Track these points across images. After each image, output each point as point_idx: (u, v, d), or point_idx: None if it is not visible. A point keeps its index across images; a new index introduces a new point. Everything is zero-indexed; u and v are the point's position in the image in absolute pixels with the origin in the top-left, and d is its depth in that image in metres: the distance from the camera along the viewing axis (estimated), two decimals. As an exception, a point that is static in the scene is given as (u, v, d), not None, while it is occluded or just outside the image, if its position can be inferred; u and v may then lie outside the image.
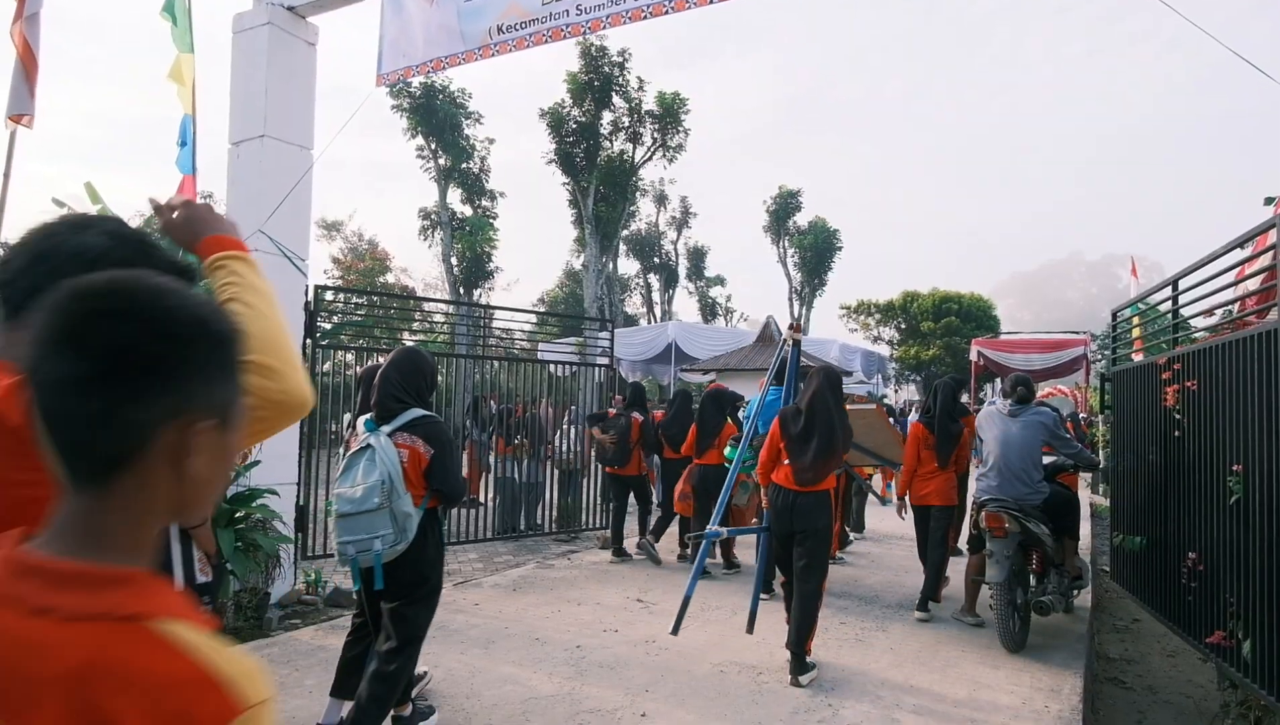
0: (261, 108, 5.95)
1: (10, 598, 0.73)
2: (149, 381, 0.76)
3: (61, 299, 0.77)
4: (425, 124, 26.85)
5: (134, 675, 0.70)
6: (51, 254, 1.16)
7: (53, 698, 0.69)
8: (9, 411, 1.03)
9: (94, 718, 0.68)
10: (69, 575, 0.75)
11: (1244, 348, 3.74)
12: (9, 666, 0.70)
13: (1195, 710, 4.98)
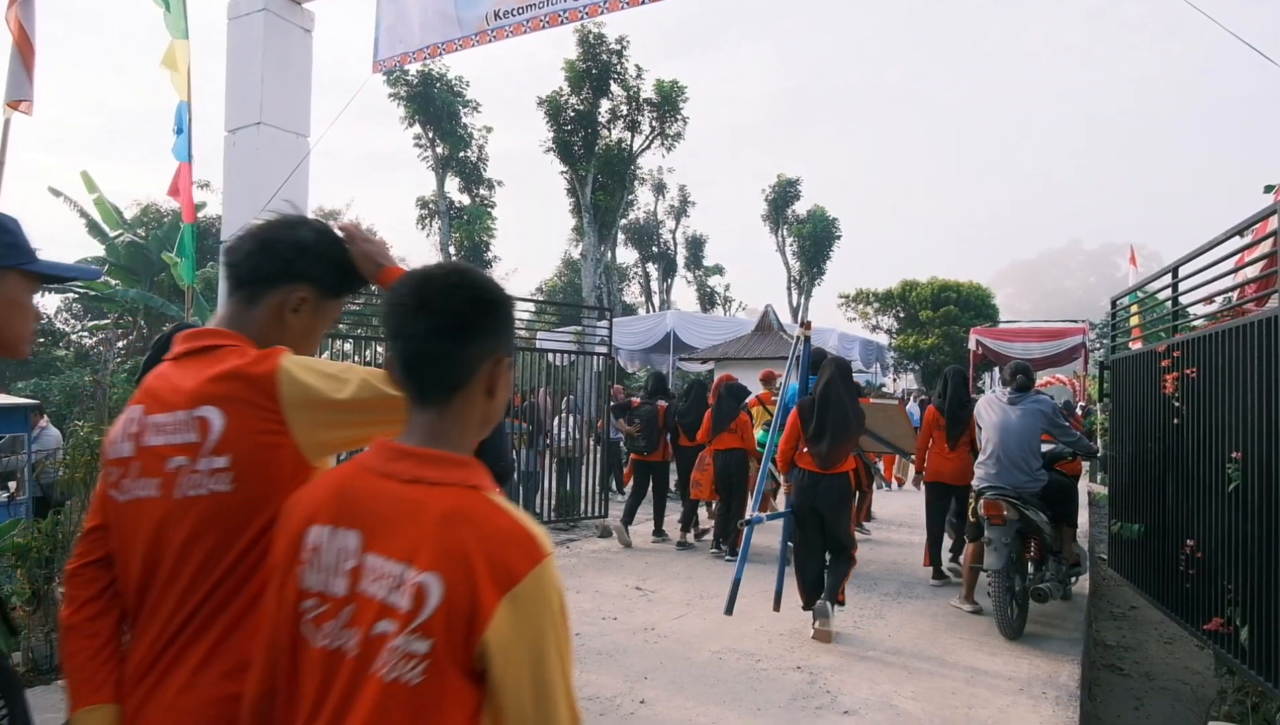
0: (258, 95, 5.91)
1: (391, 472, 1.13)
2: (476, 332, 1.16)
3: (417, 280, 1.18)
4: (423, 112, 26.76)
5: (480, 521, 1.07)
6: (275, 243, 1.45)
7: (433, 527, 1.06)
8: (260, 373, 1.32)
9: (454, 546, 1.04)
10: (430, 458, 1.13)
11: (1244, 335, 3.73)
12: (401, 513, 1.09)
13: (1192, 697, 5.01)
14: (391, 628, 1.04)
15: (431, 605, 1.03)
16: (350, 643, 1.08)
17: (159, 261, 20.75)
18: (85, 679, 1.36)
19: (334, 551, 1.12)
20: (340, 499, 1.15)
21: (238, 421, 1.31)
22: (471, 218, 28.77)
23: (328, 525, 1.14)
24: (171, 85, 5.82)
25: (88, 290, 21.13)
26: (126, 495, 1.38)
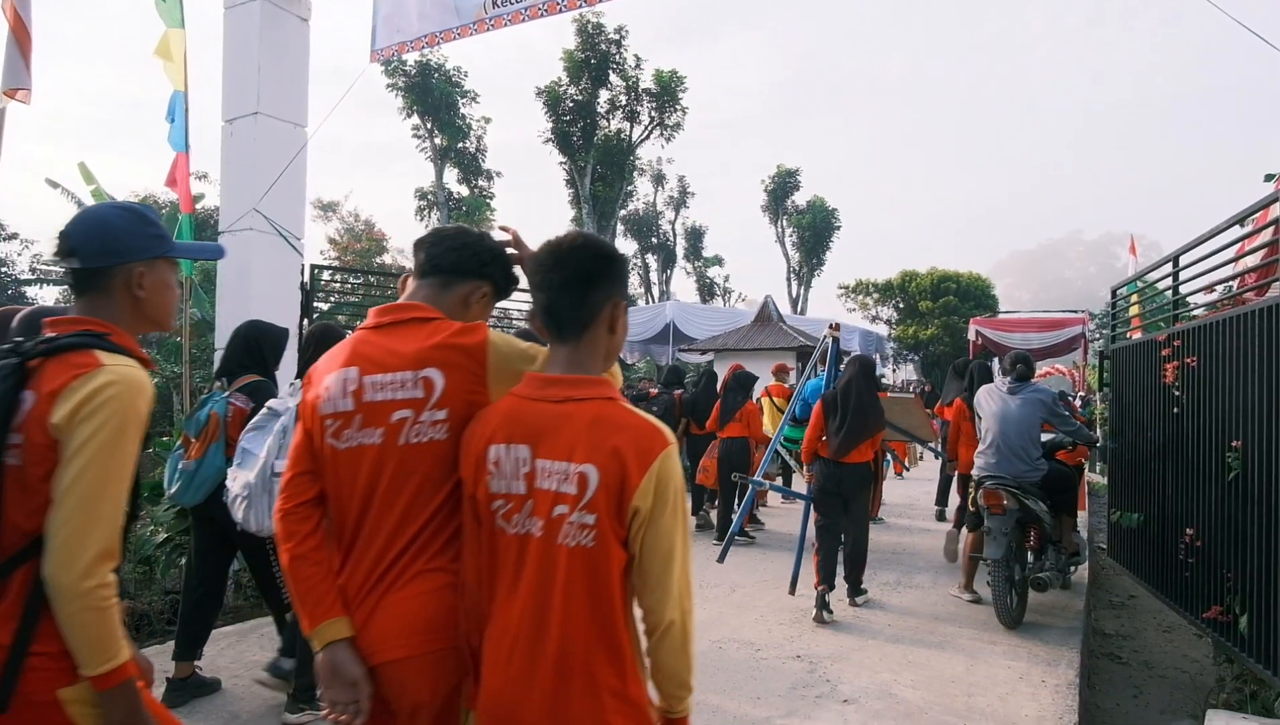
0: (254, 84, 5.89)
1: (543, 396, 1.52)
2: (597, 282, 1.55)
3: (551, 245, 1.58)
4: (421, 103, 26.67)
5: (618, 422, 1.47)
6: (475, 246, 1.81)
7: (583, 431, 1.45)
8: (473, 343, 1.65)
9: (602, 442, 1.44)
10: (572, 382, 1.53)
11: (1245, 324, 3.72)
12: (557, 425, 1.48)
13: (1191, 684, 5.02)
14: (565, 509, 1.45)
15: (593, 487, 1.43)
16: (535, 527, 1.48)
17: (157, 253, 20.71)
18: (319, 599, 1.64)
19: (511, 462, 1.51)
20: (509, 422, 1.54)
21: (455, 382, 1.63)
22: (470, 209, 28.71)
23: (503, 443, 1.53)
24: (166, 75, 5.79)
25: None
26: (346, 443, 1.66)
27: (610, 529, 1.44)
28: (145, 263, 1.65)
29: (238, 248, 6.13)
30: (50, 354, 1.52)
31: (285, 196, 6.08)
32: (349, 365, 1.69)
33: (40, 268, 21.21)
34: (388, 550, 1.62)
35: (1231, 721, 3.26)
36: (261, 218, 5.95)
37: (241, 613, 5.23)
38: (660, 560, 1.46)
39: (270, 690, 3.65)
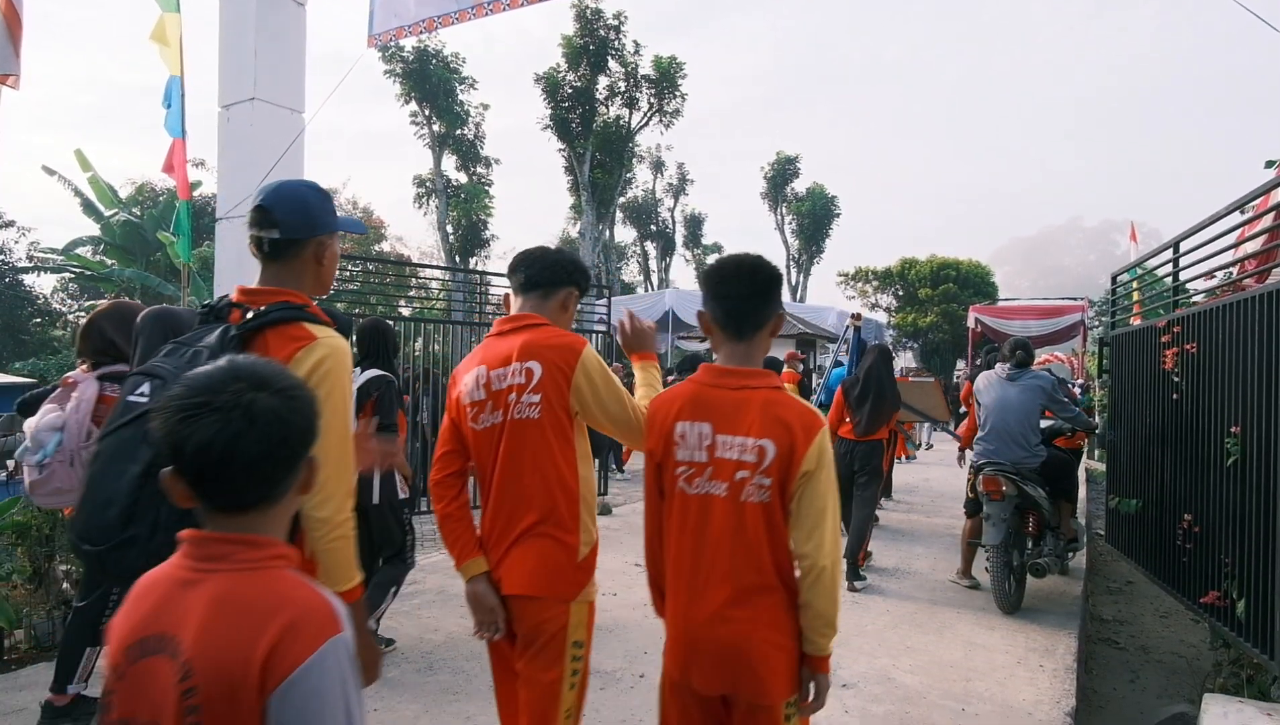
0: (251, 70, 5.85)
1: (722, 383, 1.93)
2: (768, 297, 1.97)
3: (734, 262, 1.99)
4: (418, 89, 26.52)
5: (787, 404, 1.87)
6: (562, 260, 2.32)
7: (758, 413, 1.85)
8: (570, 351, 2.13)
9: (775, 421, 1.83)
10: (747, 373, 1.93)
11: (1245, 309, 3.72)
12: (736, 407, 1.88)
13: (1188, 669, 5.04)
14: (746, 474, 1.86)
15: (770, 457, 1.83)
16: (718, 488, 1.89)
17: (155, 240, 20.64)
18: (464, 545, 2.18)
19: (695, 436, 1.93)
20: (693, 404, 1.96)
21: (549, 375, 2.10)
22: (469, 196, 28.60)
23: (689, 421, 1.95)
24: (162, 60, 5.75)
25: (84, 270, 21.06)
26: (482, 425, 2.17)
27: (778, 493, 1.86)
28: (329, 235, 1.89)
29: (235, 234, 6.10)
30: (266, 327, 1.71)
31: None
32: (480, 365, 2.21)
33: (37, 255, 21.14)
34: (514, 514, 2.13)
35: (1228, 706, 3.27)
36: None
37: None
38: (815, 515, 1.85)
39: None
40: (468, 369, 2.23)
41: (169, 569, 1.15)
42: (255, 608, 1.07)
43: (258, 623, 1.06)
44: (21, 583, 4.82)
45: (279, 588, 1.11)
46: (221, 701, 1.03)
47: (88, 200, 21.36)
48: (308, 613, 1.08)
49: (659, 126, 27.95)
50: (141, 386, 1.71)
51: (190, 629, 1.07)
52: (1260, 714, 3.16)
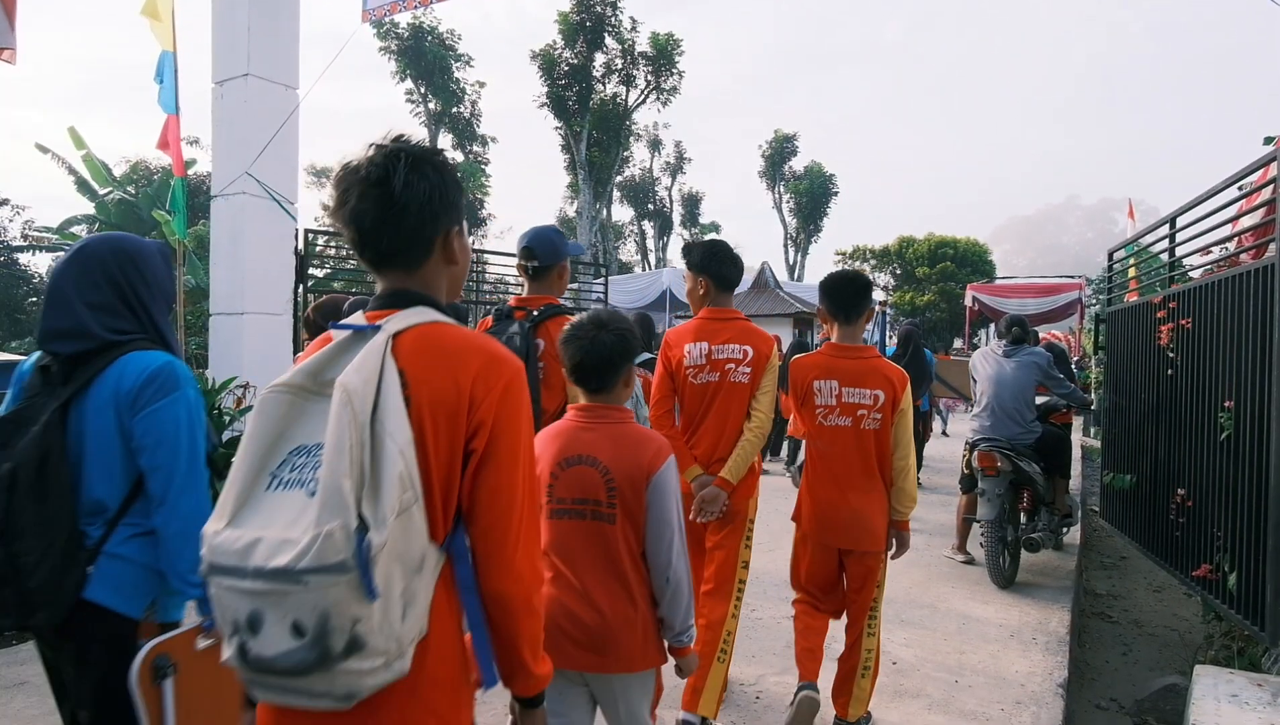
0: (244, 45, 5.79)
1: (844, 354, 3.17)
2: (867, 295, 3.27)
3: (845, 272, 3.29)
4: (414, 67, 26.33)
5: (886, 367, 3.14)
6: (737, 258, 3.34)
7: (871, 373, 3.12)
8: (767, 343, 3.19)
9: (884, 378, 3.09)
10: (857, 349, 3.18)
11: (1240, 284, 3.72)
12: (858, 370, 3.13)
13: (1180, 642, 5.10)
14: (865, 412, 3.06)
15: (881, 401, 3.04)
16: (844, 421, 3.09)
17: (150, 219, 20.52)
18: (683, 459, 3.06)
19: (827, 389, 3.11)
20: (822, 368, 3.15)
21: (757, 356, 3.15)
22: (465, 175, 28.48)
23: (822, 379, 3.13)
24: (154, 35, 5.69)
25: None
26: (700, 381, 3.16)
27: (887, 421, 3.09)
28: (566, 261, 2.99)
29: (230, 212, 6.08)
30: (546, 319, 2.80)
31: (278, 160, 6.02)
32: (700, 340, 3.19)
33: (32, 234, 21.03)
34: (717, 440, 3.14)
35: (1219, 677, 3.31)
36: (254, 182, 5.89)
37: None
38: (905, 435, 3.11)
39: None
40: (685, 340, 3.21)
41: (569, 423, 2.08)
42: (640, 441, 2.03)
43: (644, 449, 2.01)
44: None
45: (643, 432, 2.09)
46: (628, 487, 1.98)
47: (82, 178, 21.20)
48: (664, 445, 2.05)
49: (656, 104, 27.81)
50: None
51: (603, 451, 2.00)
52: (1251, 684, 3.20)
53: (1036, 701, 3.52)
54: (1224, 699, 3.06)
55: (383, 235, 1.34)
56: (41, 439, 1.76)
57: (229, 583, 1.13)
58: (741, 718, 3.32)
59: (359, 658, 1.11)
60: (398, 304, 1.36)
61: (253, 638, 1.12)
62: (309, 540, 1.08)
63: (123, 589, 1.84)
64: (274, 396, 1.25)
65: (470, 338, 1.34)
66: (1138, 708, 4.08)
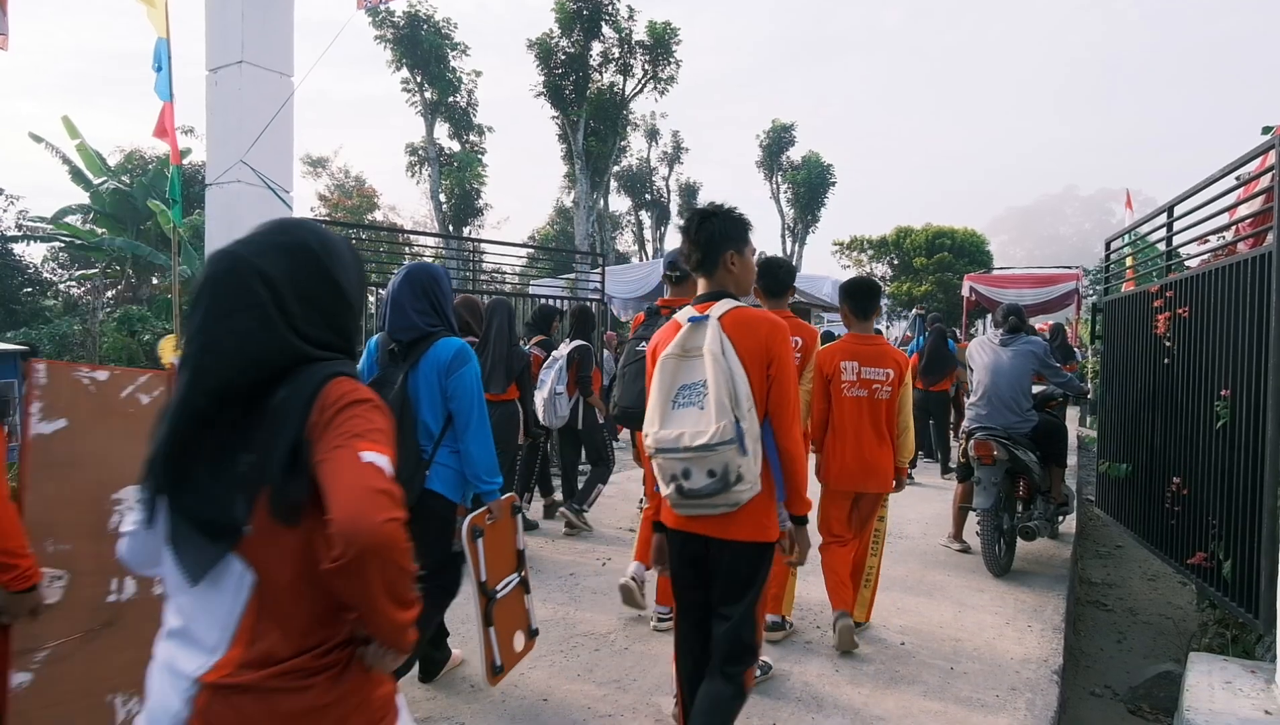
0: (238, 32, 5.75)
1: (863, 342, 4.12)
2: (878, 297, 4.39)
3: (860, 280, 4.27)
4: (410, 55, 26.17)
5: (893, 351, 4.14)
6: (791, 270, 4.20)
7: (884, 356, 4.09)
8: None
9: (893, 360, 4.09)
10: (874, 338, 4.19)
11: (1236, 273, 3.72)
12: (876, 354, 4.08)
13: (1174, 630, 5.12)
14: (879, 386, 4.03)
15: (891, 377, 4.05)
16: (863, 393, 4.03)
17: (145, 209, 20.46)
18: None
19: (850, 368, 4.03)
20: (846, 353, 4.05)
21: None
22: (462, 165, 28.35)
23: (847, 361, 4.04)
24: (148, 20, 5.65)
25: (74, 239, 20.87)
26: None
27: (895, 393, 4.04)
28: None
29: (225, 201, 6.05)
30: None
31: (273, 148, 5.98)
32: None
33: (26, 224, 20.94)
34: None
35: (1213, 664, 3.33)
36: (249, 170, 5.86)
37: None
38: (907, 404, 4.12)
39: None
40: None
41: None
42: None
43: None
44: None
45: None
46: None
47: (76, 168, 21.12)
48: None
49: (653, 94, 27.65)
50: (640, 344, 4.16)
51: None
52: (1244, 671, 3.22)
53: (1031, 688, 3.54)
54: (1218, 686, 3.08)
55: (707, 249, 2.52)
56: (398, 394, 2.84)
57: (670, 456, 2.34)
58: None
59: (739, 485, 2.30)
60: (713, 299, 2.50)
61: (686, 481, 2.32)
62: (715, 430, 2.26)
63: (447, 483, 2.93)
64: (668, 360, 2.43)
65: (760, 313, 2.48)
66: (1132, 694, 4.10)
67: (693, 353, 2.39)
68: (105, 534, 2.43)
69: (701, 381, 2.34)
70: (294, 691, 1.25)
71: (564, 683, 3.53)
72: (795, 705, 3.34)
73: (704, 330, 2.38)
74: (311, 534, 1.26)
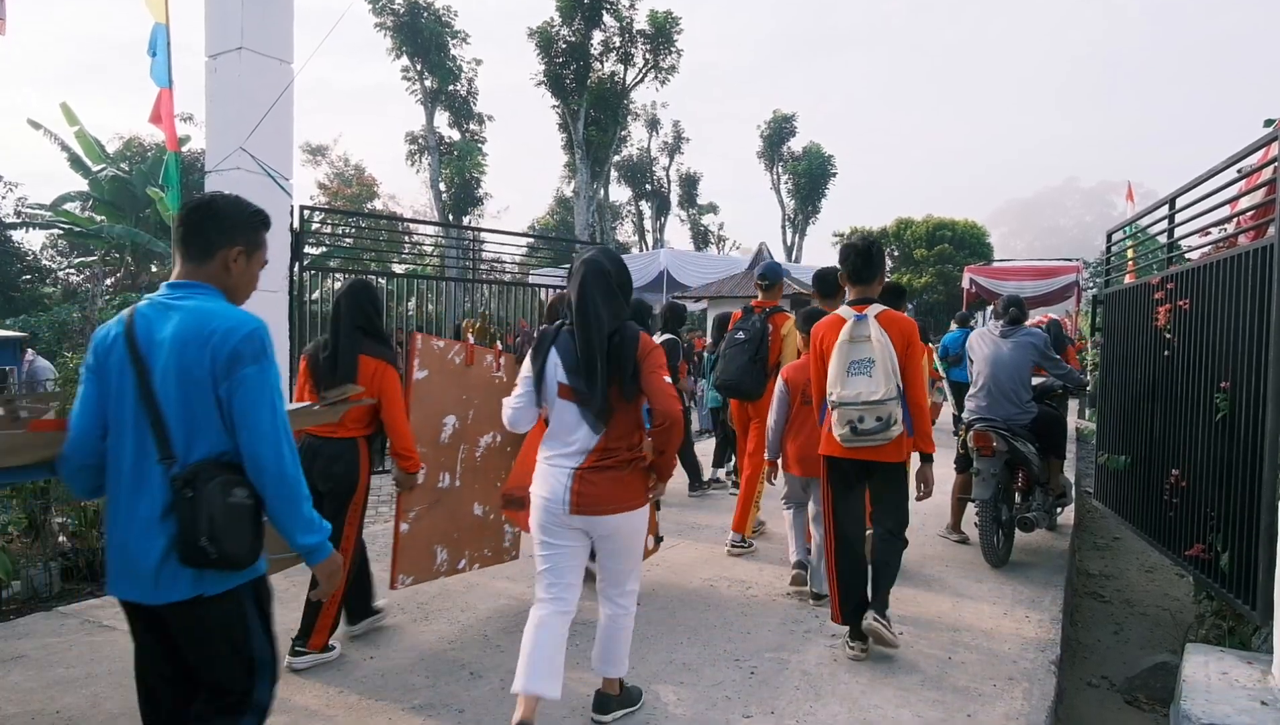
0: (238, 18, 5.72)
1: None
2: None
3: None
4: (410, 43, 26.08)
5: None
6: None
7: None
8: None
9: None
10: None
11: (1238, 265, 3.72)
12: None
13: (1171, 622, 5.14)
14: None
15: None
16: None
17: (144, 196, 20.38)
18: None
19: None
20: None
21: None
22: (461, 154, 28.29)
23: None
24: (147, 6, 5.61)
25: (73, 226, 20.83)
26: None
27: None
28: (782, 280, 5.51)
29: (224, 188, 6.02)
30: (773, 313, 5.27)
31: (272, 136, 5.96)
32: None
33: (25, 211, 20.88)
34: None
35: (1209, 655, 3.34)
36: (248, 157, 5.84)
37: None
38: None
39: None
40: None
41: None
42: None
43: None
44: (18, 534, 4.85)
45: None
46: None
47: (75, 155, 21.04)
48: None
49: (654, 83, 27.60)
50: (739, 333, 5.41)
51: None
52: (1241, 662, 3.23)
53: (1029, 678, 3.55)
54: (1214, 676, 3.09)
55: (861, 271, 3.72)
56: None
57: (849, 407, 3.52)
58: (736, 691, 3.35)
59: (894, 427, 3.50)
60: (867, 302, 3.70)
61: (860, 424, 3.50)
62: (885, 391, 3.49)
63: None
64: (843, 345, 3.60)
65: (897, 313, 3.69)
66: (1129, 685, 4.12)
67: (859, 339, 3.61)
68: (439, 443, 3.94)
69: (868, 358, 3.58)
70: (616, 467, 2.81)
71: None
72: (793, 693, 3.35)
73: (867, 324, 3.63)
74: (634, 407, 2.86)
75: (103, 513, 4.96)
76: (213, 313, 1.95)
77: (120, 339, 1.97)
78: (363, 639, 3.87)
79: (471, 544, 4.18)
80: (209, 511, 1.84)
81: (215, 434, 1.92)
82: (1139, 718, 3.87)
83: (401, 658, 3.67)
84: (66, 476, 2.05)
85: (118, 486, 1.95)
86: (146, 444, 1.92)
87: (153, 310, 1.98)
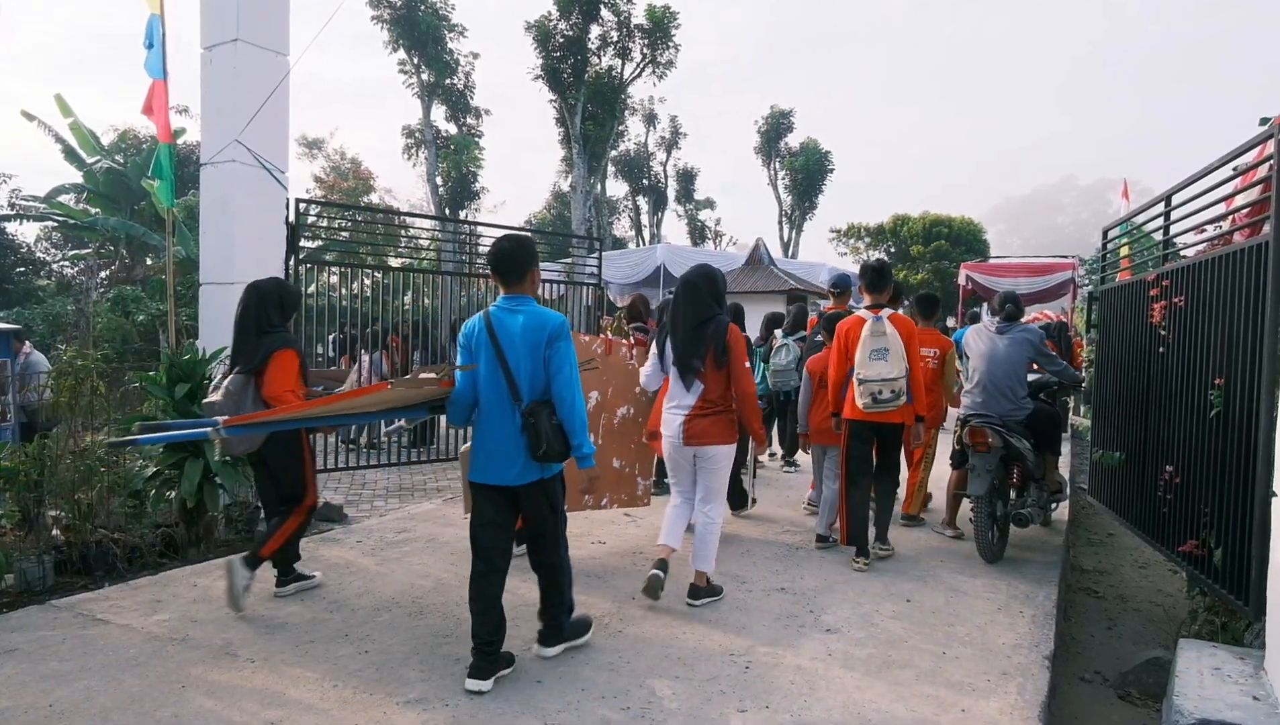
0: (234, 9, 5.70)
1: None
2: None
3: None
4: (406, 36, 25.99)
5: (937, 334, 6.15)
6: None
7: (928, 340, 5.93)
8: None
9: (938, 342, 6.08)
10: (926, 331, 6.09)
11: (1233, 262, 3.72)
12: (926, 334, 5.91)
13: (1164, 618, 5.16)
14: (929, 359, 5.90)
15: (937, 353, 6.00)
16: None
17: (139, 189, 20.28)
18: None
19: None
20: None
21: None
22: (458, 147, 28.22)
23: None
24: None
25: (67, 218, 20.74)
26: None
27: (942, 362, 5.96)
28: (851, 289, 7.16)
29: (220, 180, 6.01)
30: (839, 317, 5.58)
31: (268, 128, 5.94)
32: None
33: (19, 203, 20.79)
34: None
35: (1202, 650, 3.35)
36: (244, 150, 5.82)
37: (233, 546, 5.28)
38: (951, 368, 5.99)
39: None
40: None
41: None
42: None
43: None
44: (11, 527, 4.83)
45: None
46: None
47: (69, 147, 20.92)
48: None
49: (652, 78, 27.51)
50: (818, 336, 6.31)
51: None
52: (1233, 658, 3.24)
53: (1022, 673, 3.56)
54: (1207, 672, 3.10)
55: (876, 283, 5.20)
56: None
57: (872, 383, 4.83)
58: (731, 685, 3.35)
59: (902, 398, 4.85)
60: (880, 306, 5.08)
61: (879, 396, 4.81)
62: (898, 372, 4.83)
63: None
64: (868, 337, 4.89)
65: (903, 317, 5.10)
66: (1122, 680, 4.14)
67: (878, 333, 4.86)
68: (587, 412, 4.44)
69: (884, 347, 4.83)
70: (713, 415, 4.21)
71: (557, 664, 3.54)
72: (788, 687, 3.35)
73: (883, 322, 4.90)
74: (723, 374, 4.19)
75: (97, 506, 4.97)
76: (542, 313, 3.32)
77: (483, 331, 3.30)
78: (357, 634, 3.88)
79: (611, 489, 5.31)
80: (545, 430, 3.18)
81: (540, 385, 3.26)
82: (1132, 713, 3.89)
83: (396, 652, 3.67)
84: (451, 413, 3.45)
85: (491, 418, 3.29)
86: (503, 392, 3.26)
87: (499, 312, 3.32)
